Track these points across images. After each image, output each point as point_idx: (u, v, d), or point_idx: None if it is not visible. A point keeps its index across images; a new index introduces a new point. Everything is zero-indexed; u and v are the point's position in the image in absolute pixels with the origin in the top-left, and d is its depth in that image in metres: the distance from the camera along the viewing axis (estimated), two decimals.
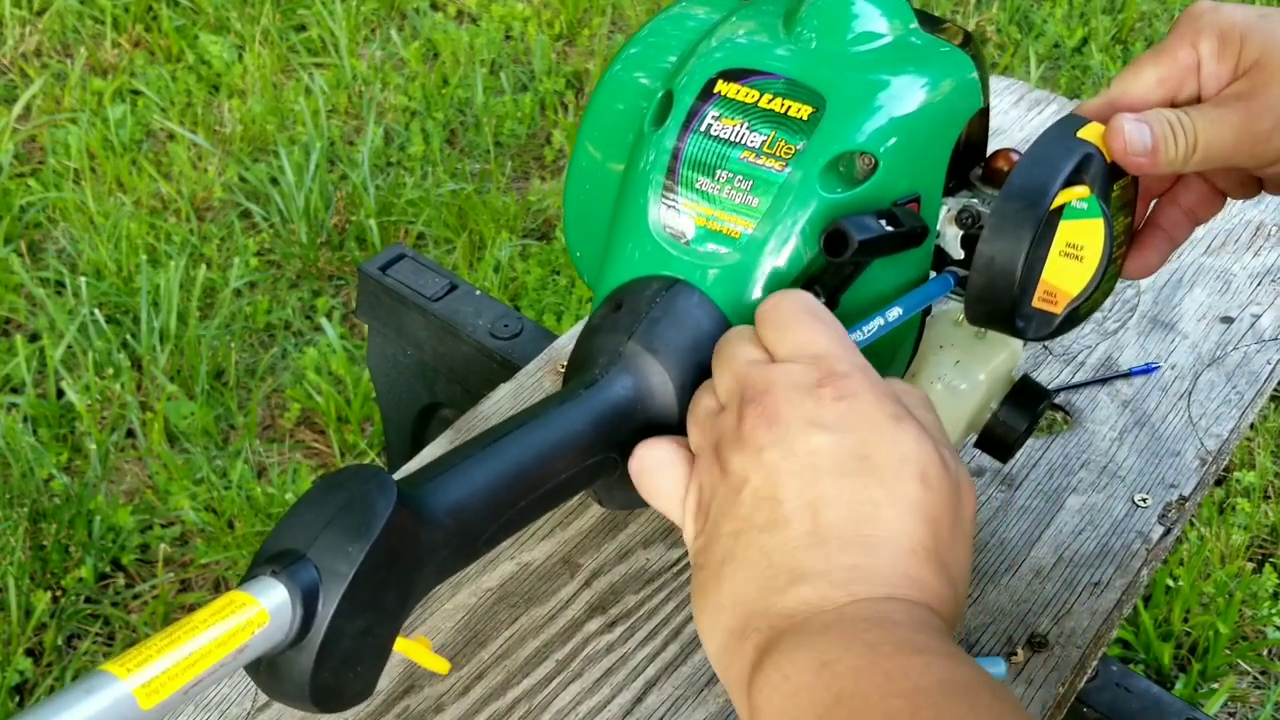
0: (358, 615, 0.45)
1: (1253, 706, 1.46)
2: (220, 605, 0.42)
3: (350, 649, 0.45)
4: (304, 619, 0.44)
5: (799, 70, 0.62)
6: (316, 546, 0.44)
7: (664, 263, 0.61)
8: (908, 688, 0.44)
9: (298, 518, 0.46)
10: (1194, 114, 0.60)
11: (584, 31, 2.43)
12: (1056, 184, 0.59)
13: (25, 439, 1.63)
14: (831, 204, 0.60)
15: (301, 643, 0.44)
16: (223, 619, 0.41)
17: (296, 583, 0.44)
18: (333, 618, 0.44)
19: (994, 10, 2.47)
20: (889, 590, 0.48)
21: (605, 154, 0.70)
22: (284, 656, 0.44)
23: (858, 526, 0.48)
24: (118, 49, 2.36)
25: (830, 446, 0.49)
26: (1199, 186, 0.66)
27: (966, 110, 0.64)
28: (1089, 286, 0.60)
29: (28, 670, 1.43)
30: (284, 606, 0.43)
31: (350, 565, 0.44)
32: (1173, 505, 0.79)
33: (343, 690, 0.46)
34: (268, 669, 0.45)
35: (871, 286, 0.62)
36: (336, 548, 0.44)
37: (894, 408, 0.51)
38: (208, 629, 0.41)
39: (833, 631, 0.46)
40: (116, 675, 0.38)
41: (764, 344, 0.54)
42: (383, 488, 0.46)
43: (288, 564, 0.44)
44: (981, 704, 0.43)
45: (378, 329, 1.11)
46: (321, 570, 0.44)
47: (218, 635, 0.41)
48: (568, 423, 0.54)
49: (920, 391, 0.57)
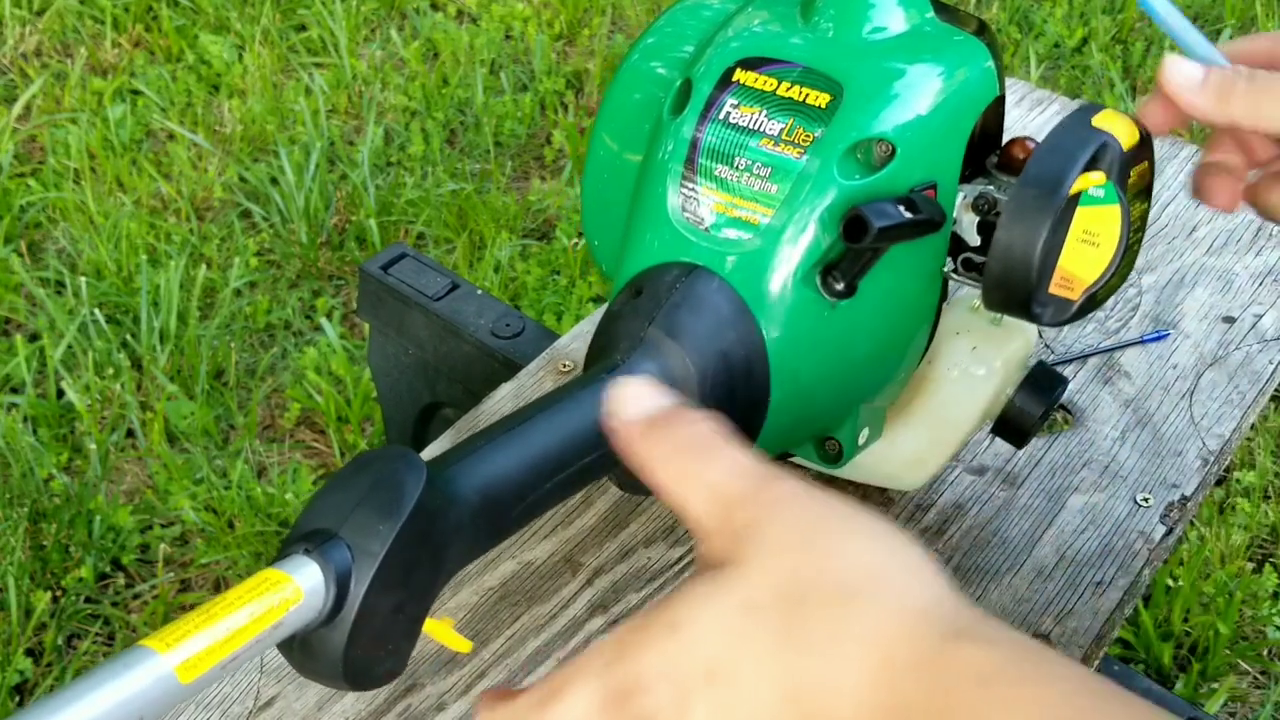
0: (389, 593, 0.45)
1: (1253, 706, 1.46)
2: (255, 583, 0.42)
3: (382, 627, 0.46)
4: (337, 597, 0.44)
5: (816, 58, 0.63)
6: (348, 525, 0.45)
7: (683, 249, 0.62)
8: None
9: (328, 497, 0.46)
10: (1267, 72, 0.59)
11: (584, 31, 2.43)
12: (1074, 171, 0.59)
13: (25, 439, 1.63)
14: (849, 191, 0.61)
15: (334, 621, 0.44)
16: (258, 596, 0.41)
17: (329, 561, 0.44)
18: (365, 595, 0.44)
19: (994, 10, 2.48)
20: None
21: (622, 144, 0.71)
22: (317, 634, 0.45)
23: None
24: (118, 49, 2.36)
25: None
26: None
27: (983, 98, 0.65)
28: (1106, 273, 0.60)
29: (28, 670, 1.43)
30: (317, 585, 0.43)
31: (382, 544, 0.44)
32: (1174, 505, 0.80)
33: (374, 668, 0.46)
34: (300, 647, 0.45)
35: (888, 273, 0.62)
36: (368, 526, 0.45)
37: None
38: (244, 606, 0.41)
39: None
40: (156, 650, 0.38)
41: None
42: (411, 467, 0.46)
43: (320, 543, 0.44)
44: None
45: (379, 328, 1.11)
46: (354, 549, 0.44)
47: (254, 612, 0.41)
48: (591, 407, 0.54)
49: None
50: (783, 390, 0.61)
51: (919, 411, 0.71)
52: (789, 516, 0.43)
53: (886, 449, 0.72)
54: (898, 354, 0.67)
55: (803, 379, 0.62)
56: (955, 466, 0.81)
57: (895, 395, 0.71)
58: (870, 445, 0.71)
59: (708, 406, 0.58)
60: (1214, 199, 0.64)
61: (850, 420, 0.68)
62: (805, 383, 0.63)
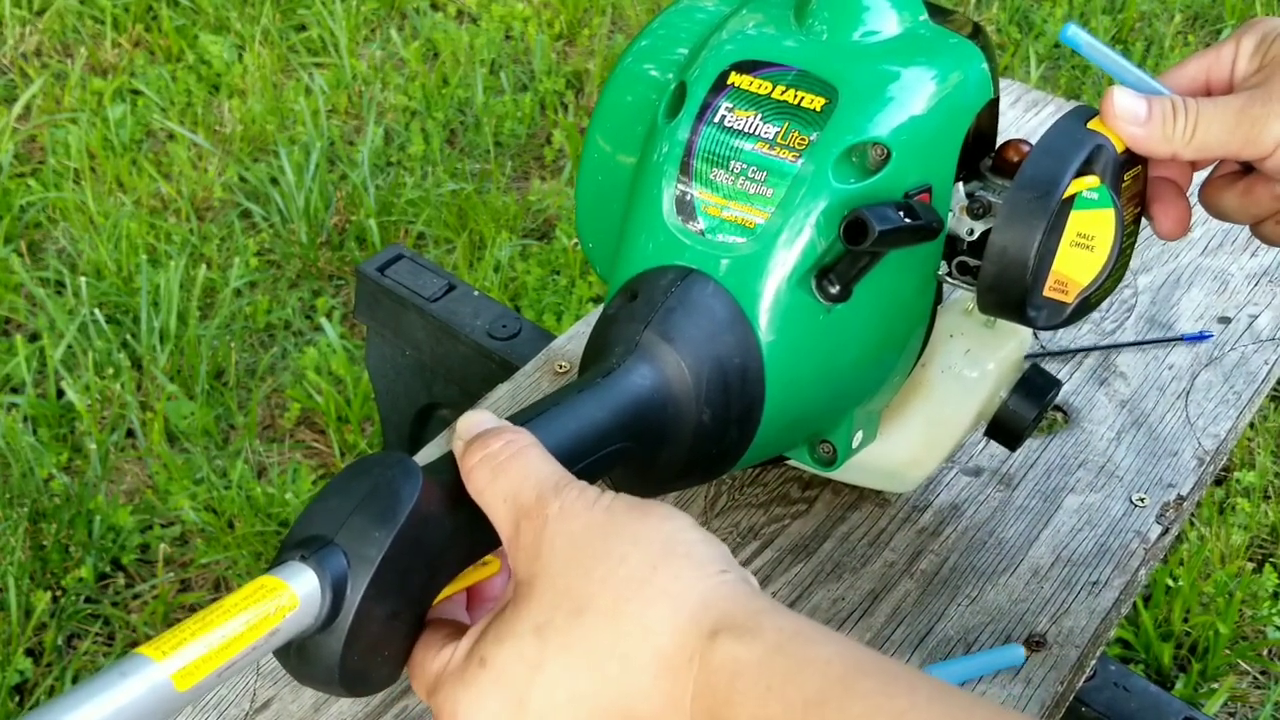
0: (385, 599, 0.45)
1: (1253, 706, 1.46)
2: (251, 590, 0.42)
3: (378, 633, 0.46)
4: (333, 604, 0.44)
5: (811, 62, 0.63)
6: (344, 532, 0.45)
7: (678, 253, 0.62)
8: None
9: (325, 504, 0.46)
10: (1201, 100, 0.60)
11: (584, 31, 2.43)
12: (1068, 174, 0.59)
13: (25, 439, 1.63)
14: (845, 194, 0.61)
15: (330, 627, 0.44)
16: (255, 603, 0.41)
17: (325, 568, 0.44)
18: (361, 602, 0.44)
19: (994, 10, 2.48)
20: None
21: (616, 146, 0.71)
22: (313, 640, 0.45)
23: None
24: (118, 49, 2.36)
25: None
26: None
27: (977, 101, 0.65)
28: (1100, 276, 0.61)
29: (28, 670, 1.43)
30: (313, 591, 0.44)
31: (378, 550, 0.45)
32: (1170, 505, 0.80)
33: (370, 673, 0.46)
34: (297, 653, 0.45)
35: (883, 277, 0.62)
36: (364, 533, 0.45)
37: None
38: (240, 613, 0.41)
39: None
40: (152, 658, 0.39)
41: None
42: (408, 473, 0.46)
43: (316, 549, 0.44)
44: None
45: (376, 330, 1.11)
46: (350, 555, 0.45)
47: (250, 619, 0.41)
48: (586, 411, 0.54)
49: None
50: (777, 393, 0.61)
51: (913, 414, 0.72)
52: (566, 530, 0.46)
53: (881, 451, 0.72)
54: (892, 357, 0.67)
55: (797, 382, 0.62)
56: (951, 468, 0.81)
57: (890, 398, 0.71)
58: (865, 447, 0.72)
59: (703, 410, 0.58)
60: (1160, 225, 0.64)
61: (845, 423, 0.68)
62: (800, 386, 0.63)
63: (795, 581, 0.75)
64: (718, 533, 0.78)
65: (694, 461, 0.60)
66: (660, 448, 0.58)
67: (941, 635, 0.72)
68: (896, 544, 0.77)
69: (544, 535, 0.46)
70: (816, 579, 0.75)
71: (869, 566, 0.76)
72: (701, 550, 0.46)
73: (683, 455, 0.59)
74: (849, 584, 0.75)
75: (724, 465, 0.62)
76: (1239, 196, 0.64)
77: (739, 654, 0.43)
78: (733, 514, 0.79)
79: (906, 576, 0.75)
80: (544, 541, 0.46)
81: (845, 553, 0.77)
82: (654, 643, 0.44)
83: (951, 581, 0.75)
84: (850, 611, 0.74)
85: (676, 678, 0.44)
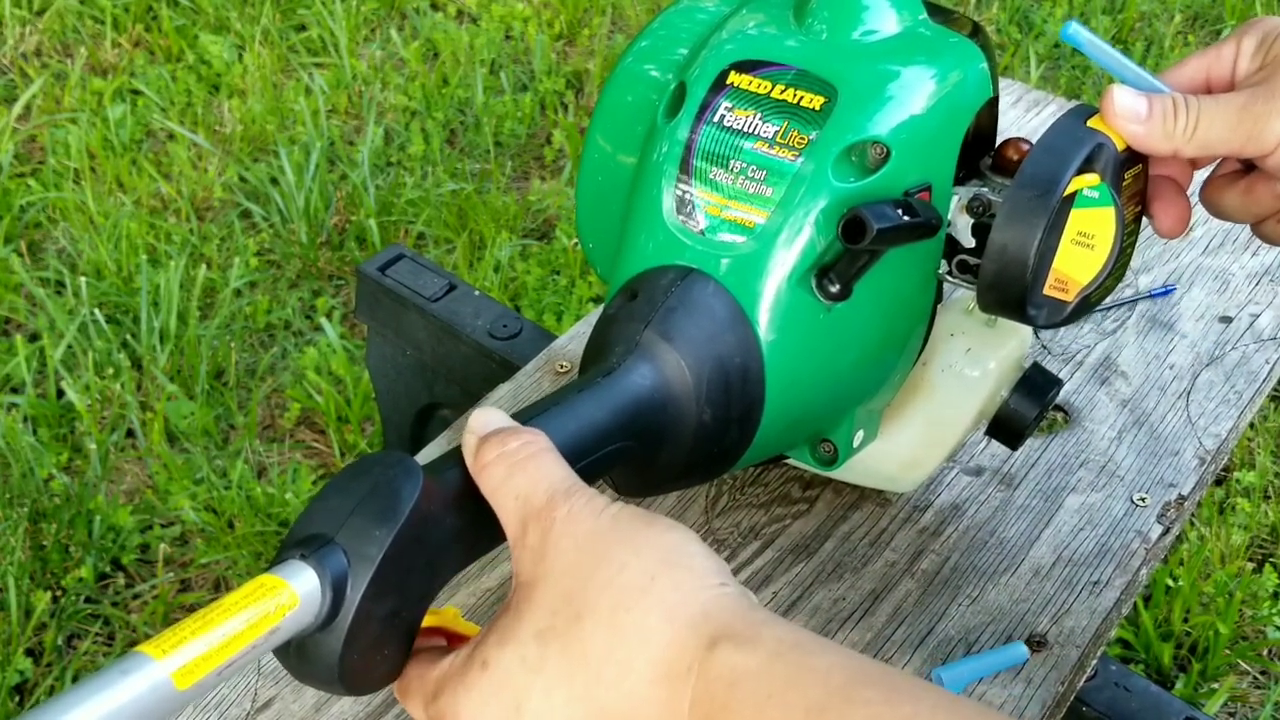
0: (385, 598, 0.45)
1: (1253, 706, 1.46)
2: (251, 588, 0.42)
3: (378, 632, 0.46)
4: (333, 602, 0.44)
5: (810, 61, 0.63)
6: (344, 531, 0.45)
7: (678, 253, 0.62)
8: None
9: (325, 502, 0.46)
10: (1203, 97, 0.60)
11: (584, 31, 2.43)
12: (1068, 172, 0.59)
13: (25, 439, 1.63)
14: (844, 193, 0.61)
15: (330, 626, 0.44)
16: (255, 602, 0.41)
17: (325, 567, 0.44)
18: (361, 601, 0.44)
19: (994, 10, 2.48)
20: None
21: (616, 146, 0.71)
22: (313, 639, 0.45)
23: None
24: (118, 49, 2.36)
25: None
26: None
27: (976, 100, 0.65)
28: (1100, 274, 0.60)
29: (28, 670, 1.43)
30: (313, 590, 0.44)
31: (378, 549, 0.45)
32: (1171, 505, 0.80)
33: (370, 672, 0.46)
34: (296, 652, 0.45)
35: (883, 276, 0.62)
36: (364, 532, 0.45)
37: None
38: (240, 612, 0.41)
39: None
40: (152, 657, 0.39)
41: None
42: (408, 472, 0.47)
43: (316, 548, 0.44)
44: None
45: (376, 329, 1.11)
46: (350, 554, 0.45)
47: (250, 618, 0.41)
48: (586, 411, 0.54)
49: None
50: (778, 393, 0.61)
51: (914, 413, 0.72)
52: (572, 534, 0.46)
53: (882, 451, 0.72)
54: (893, 356, 0.67)
55: (798, 381, 0.62)
56: (953, 467, 0.81)
57: (890, 397, 0.71)
58: (865, 447, 0.72)
59: (703, 410, 0.58)
60: (1161, 224, 0.64)
61: (845, 422, 0.68)
62: (800, 385, 0.63)
63: (796, 581, 0.75)
64: (719, 532, 0.78)
65: (695, 461, 0.60)
66: (661, 447, 0.58)
67: (942, 635, 0.72)
68: (897, 544, 0.77)
69: (549, 538, 0.46)
70: (817, 579, 0.75)
71: (870, 566, 0.76)
72: (702, 563, 0.46)
73: (683, 455, 0.59)
74: (850, 584, 0.75)
75: (724, 465, 0.62)
76: (1240, 195, 0.64)
77: (738, 663, 0.43)
78: (734, 514, 0.79)
79: (907, 576, 0.75)
80: (549, 544, 0.46)
81: (846, 552, 0.77)
82: (652, 650, 0.44)
83: (952, 581, 0.75)
84: (851, 611, 0.74)
85: (674, 685, 0.44)
